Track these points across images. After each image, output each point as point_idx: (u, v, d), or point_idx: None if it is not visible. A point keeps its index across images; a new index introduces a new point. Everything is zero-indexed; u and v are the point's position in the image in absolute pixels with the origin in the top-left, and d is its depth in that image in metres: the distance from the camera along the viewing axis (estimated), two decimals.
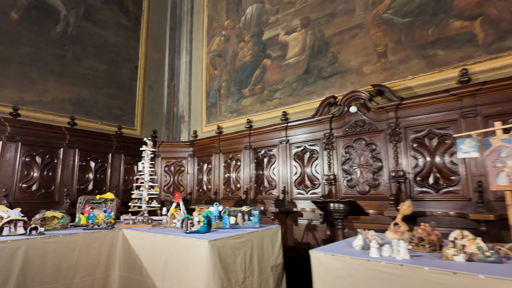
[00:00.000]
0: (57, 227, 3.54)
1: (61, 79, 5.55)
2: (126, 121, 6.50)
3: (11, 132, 4.82)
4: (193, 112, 7.20)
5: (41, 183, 5.08)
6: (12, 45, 5.01)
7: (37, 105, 5.24)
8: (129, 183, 6.31)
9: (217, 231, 3.25)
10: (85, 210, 4.28)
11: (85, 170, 5.67)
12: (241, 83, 6.23)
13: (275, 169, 5.31)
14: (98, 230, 3.51)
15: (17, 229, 3.11)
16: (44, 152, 5.17)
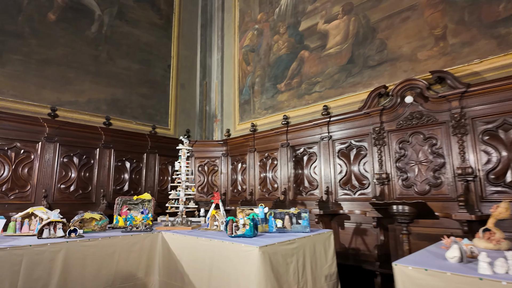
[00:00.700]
0: (96, 229, 3.39)
1: (96, 79, 5.53)
2: (159, 120, 6.40)
3: (50, 133, 4.82)
4: (226, 110, 6.99)
5: (78, 184, 5.05)
6: (50, 46, 5.02)
7: (74, 105, 5.23)
8: (164, 184, 6.19)
9: (264, 235, 2.95)
10: (122, 212, 4.14)
11: (120, 170, 5.61)
12: (276, 77, 5.92)
13: (316, 168, 4.93)
14: (137, 232, 3.33)
15: (57, 231, 2.99)
16: (81, 153, 5.15)
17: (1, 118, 4.37)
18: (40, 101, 4.85)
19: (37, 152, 4.69)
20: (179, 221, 3.81)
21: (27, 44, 4.78)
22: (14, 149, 4.49)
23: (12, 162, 4.45)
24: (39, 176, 4.66)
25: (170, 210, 4.28)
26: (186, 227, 3.63)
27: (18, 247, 2.53)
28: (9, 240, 2.79)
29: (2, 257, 2.43)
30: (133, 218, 3.87)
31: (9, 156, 4.44)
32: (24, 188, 4.52)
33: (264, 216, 3.11)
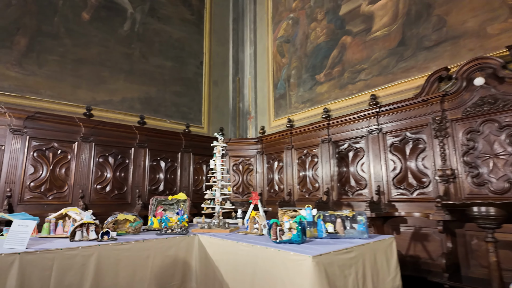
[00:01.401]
0: (130, 232, 3.19)
1: (129, 77, 5.45)
2: (193, 119, 6.22)
3: (85, 133, 4.78)
4: (260, 106, 6.65)
5: (114, 184, 4.96)
6: (85, 46, 5.00)
7: (108, 104, 5.17)
8: (198, 183, 5.99)
9: (313, 241, 2.55)
10: (157, 212, 3.95)
11: (155, 170, 5.48)
12: (314, 68, 5.48)
13: (364, 165, 4.42)
14: (172, 235, 3.07)
15: (89, 233, 2.81)
16: (116, 152, 5.07)
17: (39, 119, 4.38)
18: (75, 101, 4.83)
19: (74, 152, 4.66)
20: (216, 223, 3.52)
21: (63, 44, 4.78)
22: (51, 149, 4.49)
23: (50, 163, 4.44)
24: (76, 176, 4.62)
25: (206, 211, 4.01)
26: (223, 230, 3.33)
27: (48, 250, 2.35)
28: (42, 242, 2.64)
29: (32, 262, 2.26)
30: (168, 220, 3.65)
31: (47, 156, 4.43)
32: (62, 188, 4.50)
33: (312, 219, 2.70)
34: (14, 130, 4.20)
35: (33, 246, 2.43)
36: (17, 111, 4.19)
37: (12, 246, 2.34)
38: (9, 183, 4.08)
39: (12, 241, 2.37)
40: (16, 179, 4.15)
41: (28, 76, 4.45)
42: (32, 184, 4.26)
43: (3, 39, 4.30)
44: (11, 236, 2.40)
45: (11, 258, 2.20)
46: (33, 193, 4.25)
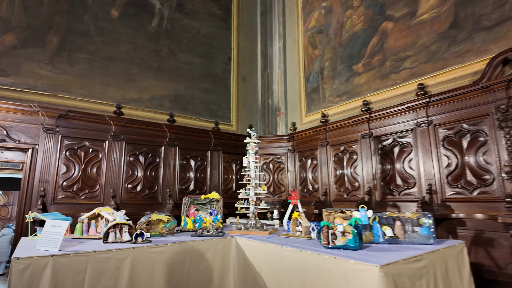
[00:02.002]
0: (163, 233, 3.01)
1: (158, 75, 5.34)
2: (222, 116, 6.03)
3: (116, 131, 4.70)
4: (290, 102, 6.36)
5: (145, 183, 4.86)
6: (114, 43, 4.94)
7: (138, 102, 5.08)
8: (228, 183, 5.79)
9: (370, 246, 2.23)
10: (190, 212, 3.76)
11: (185, 169, 5.33)
12: (351, 58, 5.11)
13: (412, 161, 4.02)
14: (209, 237, 2.86)
15: (123, 234, 2.65)
16: (147, 151, 4.96)
17: (71, 117, 4.34)
18: (105, 99, 4.77)
19: (105, 151, 4.59)
20: (253, 225, 3.27)
21: (93, 42, 4.74)
22: (83, 148, 4.44)
23: (82, 162, 4.39)
24: (107, 175, 4.55)
25: (240, 211, 3.78)
26: (261, 232, 3.07)
27: (82, 253, 2.20)
28: (75, 244, 2.51)
29: (65, 265, 2.11)
30: (202, 220, 3.45)
31: (78, 155, 4.38)
32: (94, 188, 4.44)
33: (368, 221, 2.38)
34: (47, 129, 4.17)
35: (66, 248, 2.29)
36: (50, 109, 4.16)
37: (45, 248, 2.21)
38: (42, 183, 4.06)
39: (45, 242, 2.24)
40: (49, 179, 4.12)
41: (60, 75, 4.43)
42: (65, 184, 4.22)
43: (36, 38, 4.30)
44: (44, 237, 2.27)
45: (44, 261, 2.06)
46: (65, 193, 4.21)
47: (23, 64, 4.18)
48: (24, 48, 4.21)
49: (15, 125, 4.01)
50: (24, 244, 2.51)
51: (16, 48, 4.16)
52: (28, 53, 4.22)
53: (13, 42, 4.15)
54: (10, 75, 4.09)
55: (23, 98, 4.11)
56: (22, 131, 4.05)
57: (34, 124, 4.12)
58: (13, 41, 4.15)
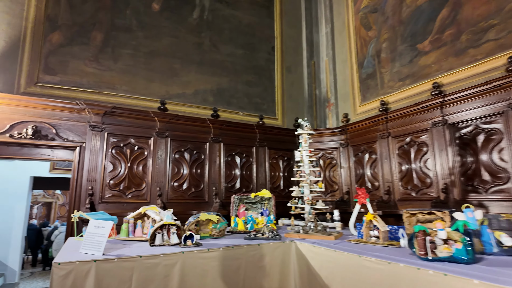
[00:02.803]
0: (214, 235, 2.70)
1: (201, 68, 5.11)
2: (266, 110, 5.66)
3: (161, 128, 4.54)
4: (341, 91, 5.79)
5: (190, 181, 4.64)
6: (156, 37, 4.79)
7: (181, 98, 4.89)
8: (275, 180, 5.40)
9: (486, 259, 1.69)
10: (240, 212, 3.43)
11: (231, 166, 5.04)
12: (415, 36, 4.43)
13: (503, 152, 3.29)
14: (265, 241, 2.48)
15: (170, 236, 2.36)
16: (192, 148, 4.75)
17: (116, 114, 4.24)
18: (149, 95, 4.64)
19: (150, 148, 4.44)
20: (312, 227, 2.84)
21: (135, 37, 4.63)
22: (129, 145, 4.32)
23: (128, 159, 4.27)
24: (153, 173, 4.39)
25: (294, 211, 3.37)
26: (325, 236, 2.63)
27: (127, 258, 1.93)
28: (120, 247, 2.27)
29: (109, 272, 1.86)
30: (254, 221, 3.08)
31: (124, 153, 4.27)
32: (140, 186, 4.30)
33: (476, 225, 1.83)
34: (93, 127, 4.11)
35: (110, 252, 2.04)
36: (95, 106, 4.09)
37: (88, 251, 1.98)
38: (90, 181, 3.99)
39: (89, 245, 2.01)
40: (96, 177, 4.04)
41: (104, 72, 4.36)
42: (112, 182, 4.13)
43: (81, 35, 4.27)
44: (87, 239, 2.05)
45: (87, 266, 1.82)
46: (113, 191, 4.11)
47: (70, 62, 4.16)
48: (70, 46, 4.19)
49: (63, 123, 3.99)
50: (69, 245, 2.33)
51: (63, 46, 4.15)
52: (74, 51, 4.20)
53: (60, 40, 4.14)
54: (58, 74, 4.08)
55: (70, 96, 4.09)
56: (70, 129, 4.01)
57: (81, 122, 4.08)
58: (60, 40, 4.14)
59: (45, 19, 4.08)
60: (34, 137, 3.75)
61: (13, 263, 6.29)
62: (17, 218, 6.42)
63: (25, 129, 3.72)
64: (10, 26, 3.90)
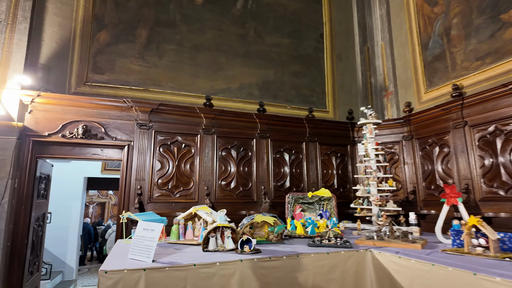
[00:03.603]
0: (272, 239, 2.36)
1: (246, 61, 4.84)
2: (316, 102, 5.23)
3: (207, 124, 4.34)
4: (401, 77, 5.15)
5: (238, 179, 4.38)
6: (200, 31, 4.62)
7: (227, 93, 4.66)
8: (328, 179, 4.94)
9: None
10: (296, 213, 3.07)
11: (279, 163, 4.69)
12: (495, 6, 3.72)
13: None
14: (333, 248, 2.09)
15: (225, 240, 2.07)
16: (238, 145, 4.49)
17: (163, 111, 4.12)
18: (194, 91, 4.47)
19: (197, 146, 4.26)
20: (388, 233, 2.38)
21: (179, 32, 4.49)
22: (176, 143, 4.18)
23: (175, 158, 4.13)
24: (201, 171, 4.21)
25: (360, 213, 2.92)
26: (409, 244, 2.16)
27: (179, 266, 1.68)
28: (171, 252, 2.03)
29: (160, 281, 1.61)
30: (315, 224, 2.70)
31: (172, 151, 4.14)
32: (188, 185, 4.13)
33: None
34: (141, 125, 4.02)
35: (160, 258, 1.80)
36: (142, 104, 4.00)
37: (137, 257, 1.75)
38: (139, 180, 3.90)
39: (137, 250, 1.79)
40: (145, 176, 3.94)
41: (150, 69, 4.27)
42: (160, 181, 4.00)
43: (127, 33, 4.22)
44: (136, 243, 1.83)
45: (135, 275, 1.59)
46: (161, 191, 3.98)
47: (116, 60, 4.12)
48: (116, 44, 4.16)
49: (111, 122, 3.94)
50: (118, 248, 2.14)
51: (109, 45, 4.13)
52: (120, 49, 4.16)
53: (107, 39, 4.12)
54: (106, 72, 4.06)
55: (117, 95, 4.04)
56: (118, 128, 3.96)
57: (129, 120, 4.01)
58: (107, 38, 4.12)
59: (92, 18, 4.09)
60: (85, 137, 3.74)
61: (71, 260, 6.58)
62: (73, 217, 6.71)
63: (76, 129, 3.73)
64: (61, 27, 3.94)
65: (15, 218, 3.36)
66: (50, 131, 3.64)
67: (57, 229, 6.35)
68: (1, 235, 3.18)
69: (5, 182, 3.26)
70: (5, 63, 3.52)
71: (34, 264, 3.82)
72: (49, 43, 3.87)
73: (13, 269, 3.29)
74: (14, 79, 3.52)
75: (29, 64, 3.70)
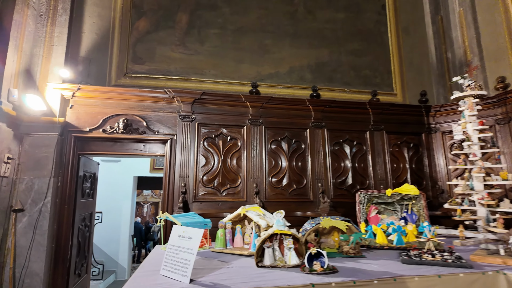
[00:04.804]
0: (347, 251, 1.77)
1: (295, 41, 4.27)
2: (380, 84, 4.46)
3: (254, 114, 3.85)
4: (489, 48, 4.15)
5: (290, 176, 3.82)
6: (243, 12, 4.16)
7: (274, 78, 4.14)
8: (400, 174, 4.14)
9: None
10: (370, 217, 2.42)
11: (338, 157, 4.03)
12: None
13: None
14: (445, 268, 1.43)
15: (285, 252, 1.54)
16: (289, 136, 3.93)
17: (206, 102, 3.73)
18: (239, 78, 4.02)
19: (243, 138, 3.80)
20: None
21: (221, 14, 4.08)
22: (220, 136, 3.76)
23: (221, 152, 3.71)
24: (248, 167, 3.73)
25: (462, 216, 2.19)
26: None
27: None
28: (215, 265, 1.55)
29: None
30: (403, 231, 2.03)
31: (217, 145, 3.72)
32: (235, 182, 3.68)
33: None
34: (184, 117, 3.67)
35: (202, 276, 1.32)
36: (184, 94, 3.64)
37: (170, 275, 1.29)
38: (183, 178, 3.54)
39: (171, 264, 1.33)
40: (189, 173, 3.58)
41: (191, 56, 3.92)
42: (205, 178, 3.61)
43: (166, 19, 3.92)
44: (169, 255, 1.37)
45: None
46: (206, 188, 3.59)
47: (156, 48, 3.84)
48: (156, 32, 3.87)
49: (153, 115, 3.65)
50: (151, 258, 1.72)
51: (149, 32, 3.85)
52: (160, 36, 3.87)
53: (147, 27, 3.86)
54: (146, 62, 3.79)
55: (158, 85, 3.74)
56: (160, 121, 3.66)
57: (171, 113, 3.69)
58: (147, 26, 3.86)
59: (131, 6, 3.86)
60: (126, 131, 3.49)
61: (123, 260, 6.59)
62: (124, 217, 6.72)
63: (116, 123, 3.49)
64: (100, 17, 3.76)
65: (58, 218, 3.20)
66: (91, 126, 3.44)
67: (108, 229, 6.39)
68: (45, 236, 3.02)
69: (48, 181, 3.11)
70: (46, 57, 3.40)
71: (82, 266, 3.67)
72: (89, 34, 3.70)
73: (58, 271, 3.13)
74: (55, 73, 3.38)
75: (70, 58, 3.56)
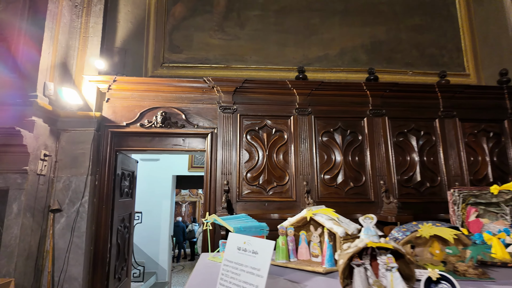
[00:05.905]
0: (464, 271, 1.26)
1: (346, 19, 3.76)
2: (448, 63, 3.80)
3: (301, 103, 3.41)
4: None
5: (346, 172, 3.32)
6: None
7: (324, 62, 3.66)
8: (478, 169, 3.47)
9: None
10: (469, 221, 1.87)
11: (403, 149, 3.46)
12: None
13: None
14: None
15: (380, 273, 1.08)
16: (343, 127, 3.43)
17: (248, 90, 3.36)
18: (283, 63, 3.60)
19: (290, 130, 3.37)
20: None
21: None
22: (265, 128, 3.37)
23: (266, 146, 3.31)
24: (297, 162, 3.30)
25: None
26: None
27: None
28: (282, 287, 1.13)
29: None
30: None
31: (261, 138, 3.33)
32: (282, 180, 3.27)
33: None
34: (224, 108, 3.33)
35: None
36: (225, 82, 3.30)
37: None
38: (225, 175, 3.20)
39: None
40: (232, 169, 3.23)
41: (231, 42, 3.58)
42: (249, 175, 3.24)
43: (203, 3, 3.62)
44: (226, 276, 0.98)
45: None
46: (251, 187, 3.21)
47: (194, 35, 3.54)
48: (193, 17, 3.58)
49: (192, 107, 3.35)
50: (198, 273, 1.35)
51: (186, 18, 3.57)
52: (197, 22, 3.57)
53: (183, 12, 3.58)
54: (183, 51, 3.51)
55: (197, 75, 3.44)
56: (199, 114, 3.35)
57: (210, 104, 3.36)
58: (183, 12, 3.58)
59: None
60: (164, 125, 3.22)
61: (163, 262, 6.45)
62: (163, 217, 6.59)
63: (154, 117, 3.23)
64: (135, 5, 3.54)
65: (97, 219, 3.00)
66: (128, 120, 3.22)
67: (148, 229, 6.29)
68: (83, 238, 2.83)
69: (85, 179, 2.92)
70: (82, 49, 3.23)
71: (122, 269, 3.47)
72: (124, 24, 3.49)
73: (97, 276, 2.92)
74: (90, 65, 3.21)
75: (105, 49, 3.37)
